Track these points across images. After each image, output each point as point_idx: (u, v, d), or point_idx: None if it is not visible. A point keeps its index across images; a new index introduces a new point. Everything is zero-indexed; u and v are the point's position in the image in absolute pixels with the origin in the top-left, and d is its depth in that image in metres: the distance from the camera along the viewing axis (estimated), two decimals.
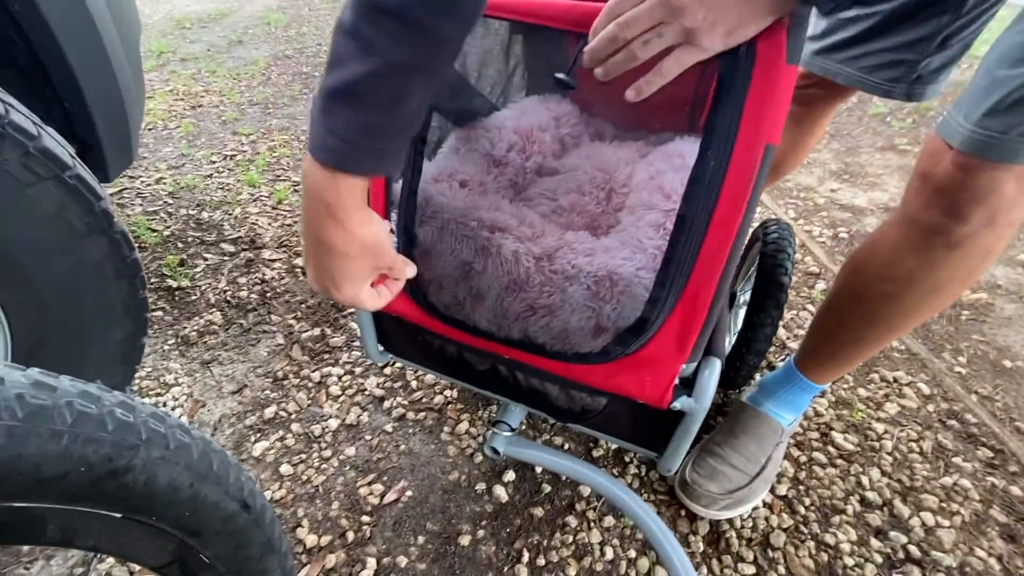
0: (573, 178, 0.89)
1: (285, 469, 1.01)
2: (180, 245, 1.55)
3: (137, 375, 1.16)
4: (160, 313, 1.32)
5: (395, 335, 0.85)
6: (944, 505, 1.01)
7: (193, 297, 1.38)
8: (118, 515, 0.39)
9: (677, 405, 0.63)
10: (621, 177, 0.86)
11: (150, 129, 2.15)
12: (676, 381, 0.63)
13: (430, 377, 1.20)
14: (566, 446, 1.08)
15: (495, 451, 0.83)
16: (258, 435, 1.07)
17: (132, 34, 1.15)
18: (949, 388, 1.24)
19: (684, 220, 0.54)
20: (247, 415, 1.11)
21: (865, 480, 1.04)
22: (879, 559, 0.92)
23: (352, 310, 1.36)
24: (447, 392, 1.17)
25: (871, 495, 1.01)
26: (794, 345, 1.34)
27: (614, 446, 1.08)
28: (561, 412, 0.77)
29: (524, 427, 1.11)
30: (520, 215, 0.71)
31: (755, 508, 0.98)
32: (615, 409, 0.72)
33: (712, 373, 0.62)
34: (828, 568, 0.91)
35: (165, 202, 1.73)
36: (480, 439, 1.08)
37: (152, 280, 1.41)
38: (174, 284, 1.40)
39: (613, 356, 0.63)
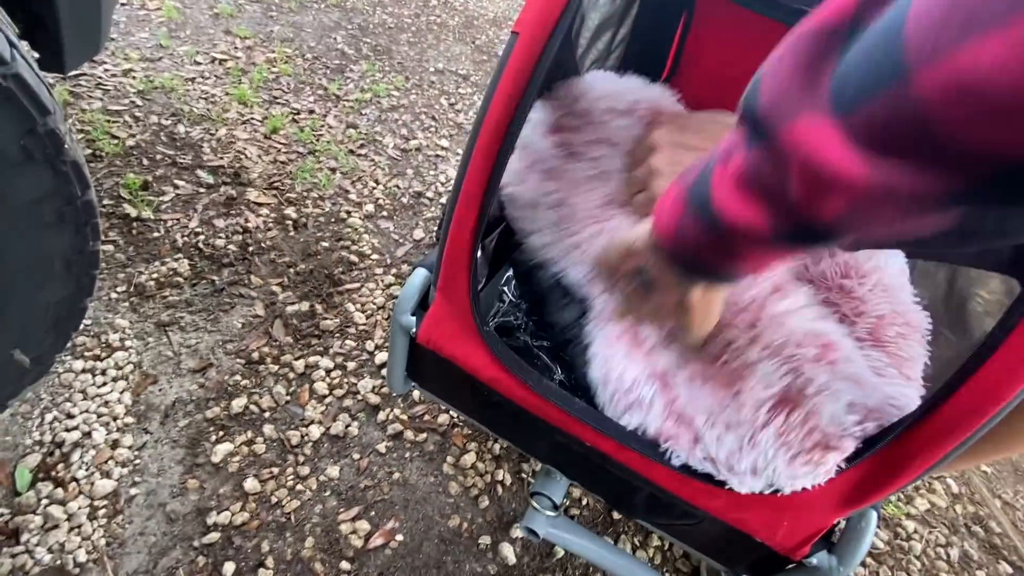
0: None
1: (251, 484, 0.82)
2: (146, 162, 1.27)
3: None
4: (111, 248, 1.06)
5: (431, 371, 0.66)
6: None
7: (156, 234, 1.12)
8: None
9: (814, 561, 0.49)
10: None
11: (123, 5, 1.77)
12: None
13: None
14: (584, 500, 0.94)
15: (532, 532, 0.67)
16: (221, 433, 0.87)
17: None
18: (976, 489, 1.17)
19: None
20: (209, 404, 0.90)
21: None
22: None
23: (350, 285, 1.15)
24: (453, 412, 0.99)
25: None
26: None
27: None
28: (632, 507, 0.62)
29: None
30: None
31: None
32: (710, 527, 0.58)
33: (869, 528, 0.48)
34: None
35: (132, 102, 1.42)
36: (488, 478, 0.92)
37: (105, 202, 1.14)
38: (133, 212, 1.13)
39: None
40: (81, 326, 0.93)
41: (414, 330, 0.59)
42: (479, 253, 0.72)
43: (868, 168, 0.21)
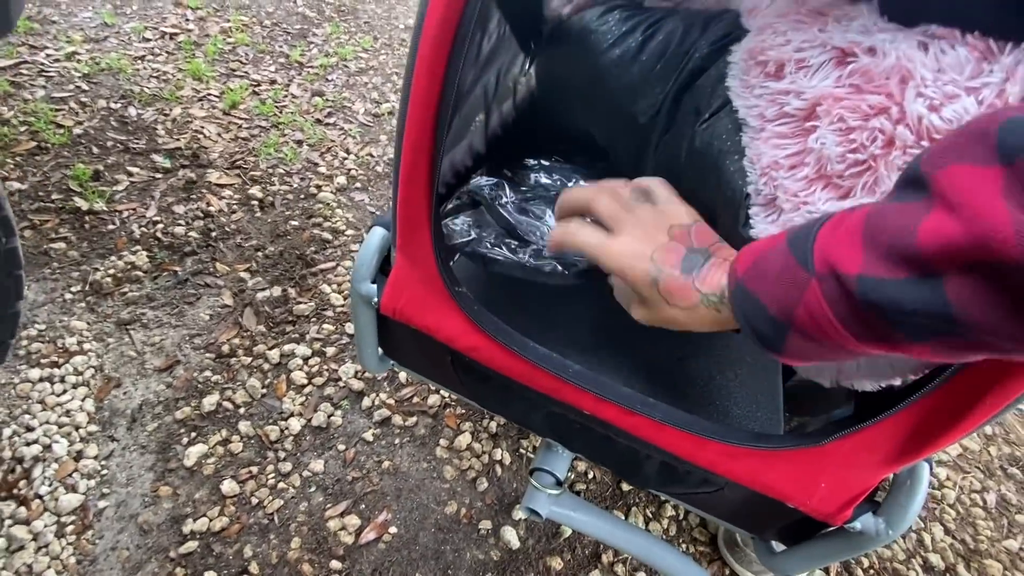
0: None
1: (229, 487, 0.76)
2: (96, 150, 1.18)
3: (25, 336, 0.86)
4: (62, 245, 0.99)
5: (405, 345, 0.59)
6: (1008, 574, 0.88)
7: (110, 227, 1.04)
8: None
9: (857, 525, 0.43)
10: None
11: None
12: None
13: None
14: (590, 474, 0.88)
15: (535, 513, 0.61)
16: (193, 435, 0.81)
17: None
18: (1011, 428, 1.10)
19: None
20: (178, 404, 0.84)
21: (928, 539, 0.90)
22: None
23: (325, 265, 1.07)
24: (444, 391, 0.93)
25: (934, 558, 0.88)
26: None
27: None
28: (643, 477, 0.55)
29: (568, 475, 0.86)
30: None
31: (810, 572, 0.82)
32: (732, 494, 0.51)
33: (921, 483, 0.41)
34: None
35: (78, 87, 1.31)
36: (485, 459, 0.86)
37: (54, 197, 1.05)
38: (84, 205, 1.05)
39: (788, 443, 0.42)
40: (32, 323, 0.86)
41: (376, 299, 0.51)
42: (449, 207, 0.63)
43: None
